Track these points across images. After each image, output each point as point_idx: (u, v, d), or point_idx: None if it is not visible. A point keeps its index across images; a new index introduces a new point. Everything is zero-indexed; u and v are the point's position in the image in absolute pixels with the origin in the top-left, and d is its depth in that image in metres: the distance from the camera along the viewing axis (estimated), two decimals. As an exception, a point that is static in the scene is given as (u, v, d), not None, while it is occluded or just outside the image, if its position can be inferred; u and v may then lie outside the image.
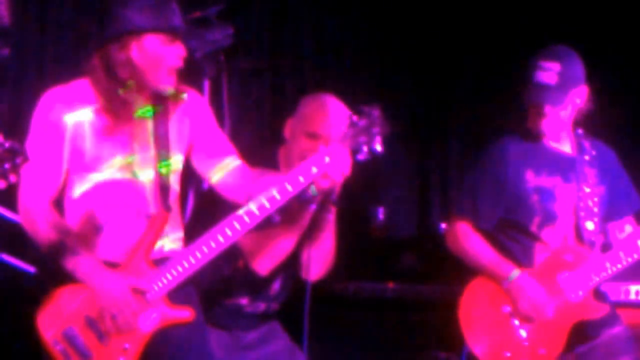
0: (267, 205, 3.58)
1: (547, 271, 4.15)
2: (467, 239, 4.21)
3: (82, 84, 3.63)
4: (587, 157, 4.26)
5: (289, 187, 3.59)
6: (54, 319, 3.59)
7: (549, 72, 4.17)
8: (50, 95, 3.61)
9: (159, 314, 3.60)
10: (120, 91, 3.58)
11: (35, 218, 3.58)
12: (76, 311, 3.58)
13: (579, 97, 4.20)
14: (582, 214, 4.21)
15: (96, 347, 3.58)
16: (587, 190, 4.22)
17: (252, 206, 3.60)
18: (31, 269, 4.44)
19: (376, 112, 3.62)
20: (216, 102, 5.29)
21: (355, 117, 3.61)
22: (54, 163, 3.59)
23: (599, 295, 4.20)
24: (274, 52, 5.98)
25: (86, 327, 3.58)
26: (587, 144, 4.28)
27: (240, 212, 3.61)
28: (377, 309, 5.29)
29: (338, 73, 6.03)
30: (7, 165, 3.12)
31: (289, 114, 4.17)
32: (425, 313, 4.79)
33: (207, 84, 5.24)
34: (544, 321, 4.13)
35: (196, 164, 3.77)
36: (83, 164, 3.60)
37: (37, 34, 5.12)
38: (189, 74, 4.46)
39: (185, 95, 3.70)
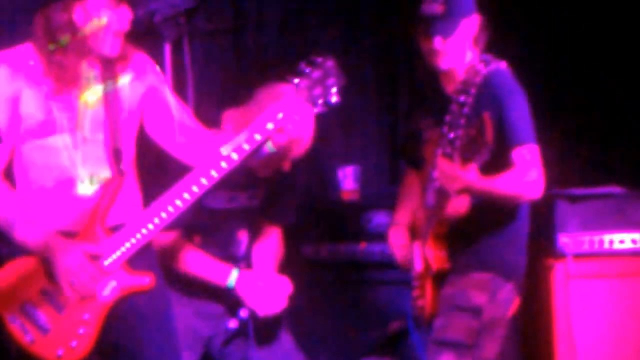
0: (225, 165, 3.51)
1: None
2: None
3: (26, 48, 3.52)
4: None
5: (246, 146, 3.50)
6: (8, 295, 3.50)
7: (434, 4, 4.07)
8: None
9: (118, 282, 3.51)
10: (52, 47, 3.46)
11: None
12: (31, 284, 3.49)
13: (471, 26, 4.11)
14: None
15: (55, 319, 3.51)
16: None
17: (212, 171, 3.53)
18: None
19: (330, 63, 3.55)
20: (178, 66, 5.21)
21: (308, 69, 3.52)
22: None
23: None
24: (236, 13, 5.88)
25: (42, 299, 3.50)
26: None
27: (200, 178, 3.53)
28: (349, 270, 5.26)
29: (301, 32, 5.94)
30: None
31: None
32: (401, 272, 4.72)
33: (167, 48, 5.15)
34: None
35: (149, 129, 3.69)
36: (29, 131, 3.50)
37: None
38: (148, 38, 4.38)
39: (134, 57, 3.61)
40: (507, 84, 4.12)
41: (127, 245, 3.54)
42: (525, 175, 4.01)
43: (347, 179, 5.58)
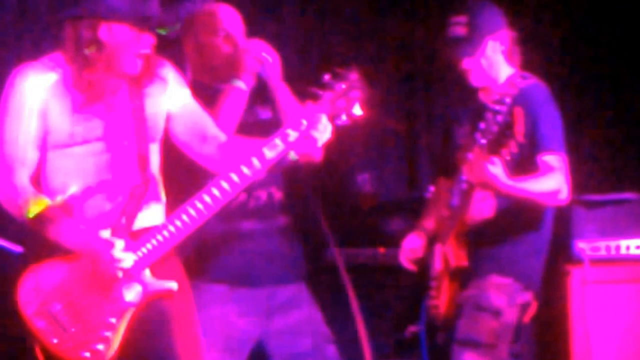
0: (247, 171, 3.55)
1: None
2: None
3: (56, 57, 3.59)
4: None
5: (269, 154, 3.54)
6: (35, 295, 3.54)
7: (458, 27, 4.15)
8: (23, 70, 3.58)
9: (143, 287, 3.56)
10: (81, 58, 3.52)
11: (13, 195, 3.54)
12: (57, 286, 3.54)
13: (500, 43, 4.18)
14: None
15: (80, 322, 3.54)
16: None
17: (233, 176, 3.56)
18: (17, 248, 4.36)
19: (354, 75, 3.58)
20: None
21: (331, 81, 3.56)
22: (28, 139, 3.55)
23: None
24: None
25: (68, 301, 3.54)
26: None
27: (221, 182, 3.57)
28: (368, 275, 5.27)
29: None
30: None
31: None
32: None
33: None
34: None
35: (175, 138, 3.75)
36: (56, 140, 3.56)
37: (15, 19, 5.08)
38: (175, 45, 4.41)
39: (160, 70, 3.67)
40: (543, 96, 4.19)
41: (149, 247, 3.58)
42: (551, 181, 4.06)
43: (366, 184, 5.59)
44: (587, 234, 4.77)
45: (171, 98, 3.71)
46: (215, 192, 3.58)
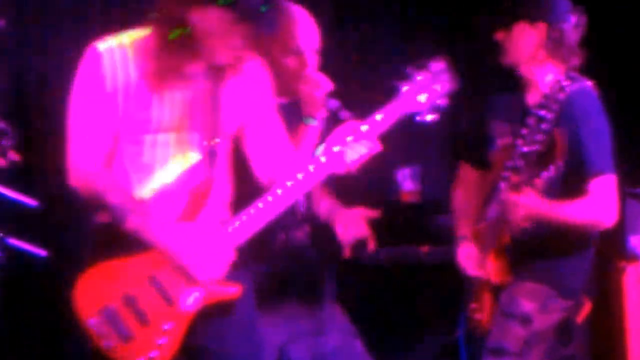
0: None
1: None
2: None
3: (141, 37, 3.41)
4: None
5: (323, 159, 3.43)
6: (91, 298, 3.40)
7: None
8: (99, 49, 3.38)
9: (201, 292, 3.40)
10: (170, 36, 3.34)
11: (93, 181, 3.40)
12: (115, 289, 3.40)
13: (535, 32, 4.06)
14: None
15: (136, 327, 3.40)
16: None
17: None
18: (42, 252, 4.29)
19: (440, 66, 3.41)
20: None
21: (414, 72, 3.39)
22: (105, 124, 3.39)
23: None
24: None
25: (125, 306, 3.39)
26: None
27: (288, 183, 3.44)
28: (409, 273, 5.21)
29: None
30: None
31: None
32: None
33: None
34: None
35: (245, 148, 3.58)
36: (129, 125, 3.39)
37: (36, 4, 4.93)
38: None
39: (245, 68, 3.47)
40: (591, 105, 4.02)
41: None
42: (599, 206, 3.93)
43: (407, 180, 5.48)
44: (642, 229, 4.70)
45: (250, 96, 3.52)
46: (269, 198, 3.42)
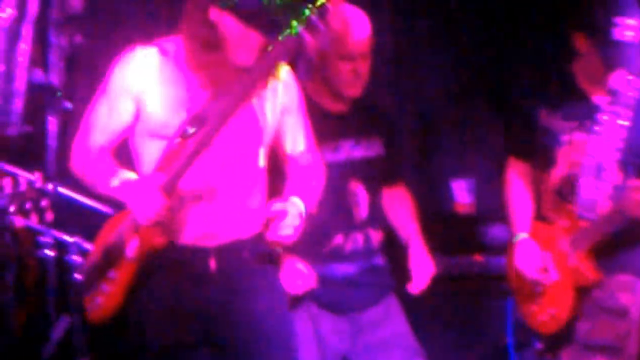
0: None
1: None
2: None
3: (170, 40, 3.48)
4: None
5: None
6: (97, 244, 3.60)
7: (627, 30, 3.84)
8: (130, 51, 3.47)
9: (138, 240, 3.42)
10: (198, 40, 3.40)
11: (82, 159, 3.50)
12: (105, 238, 3.52)
13: None
14: None
15: (99, 274, 3.53)
16: None
17: None
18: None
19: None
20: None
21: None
22: (117, 121, 3.46)
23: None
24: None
25: (102, 254, 3.51)
26: None
27: None
28: (464, 283, 5.22)
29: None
30: (28, 205, 3.10)
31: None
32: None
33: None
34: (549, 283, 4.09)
35: (276, 150, 3.63)
36: (149, 127, 3.44)
37: (108, 21, 5.05)
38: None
39: (280, 74, 3.48)
40: None
41: None
42: None
43: (461, 192, 5.52)
44: None
45: (280, 105, 3.55)
46: None
